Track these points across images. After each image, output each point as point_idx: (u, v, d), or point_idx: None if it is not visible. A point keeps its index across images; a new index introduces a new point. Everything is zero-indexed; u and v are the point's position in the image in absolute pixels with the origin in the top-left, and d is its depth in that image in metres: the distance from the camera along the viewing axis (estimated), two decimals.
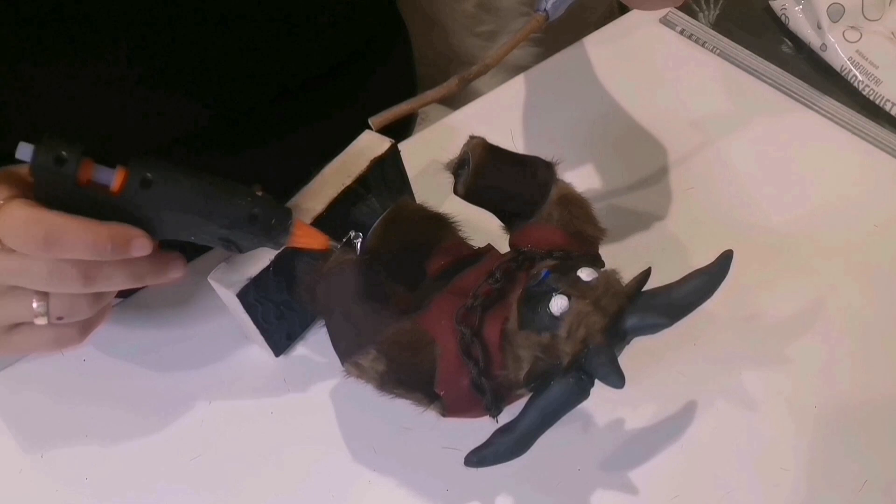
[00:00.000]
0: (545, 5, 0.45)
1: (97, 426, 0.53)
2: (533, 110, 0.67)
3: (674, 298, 0.43)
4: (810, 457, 0.50)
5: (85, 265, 0.42)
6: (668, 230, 0.60)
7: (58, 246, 0.40)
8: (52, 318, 0.43)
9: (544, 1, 0.45)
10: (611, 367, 0.41)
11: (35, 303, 0.42)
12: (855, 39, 0.67)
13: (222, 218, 0.43)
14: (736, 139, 0.66)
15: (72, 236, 0.40)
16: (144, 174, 0.41)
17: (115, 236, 0.41)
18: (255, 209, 0.43)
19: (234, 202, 0.43)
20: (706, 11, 0.73)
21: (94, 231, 0.41)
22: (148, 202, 0.42)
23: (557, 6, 0.45)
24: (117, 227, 0.42)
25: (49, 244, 0.40)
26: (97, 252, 0.41)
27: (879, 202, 0.61)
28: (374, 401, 0.46)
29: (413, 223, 0.50)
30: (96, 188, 0.41)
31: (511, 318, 0.44)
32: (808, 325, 0.55)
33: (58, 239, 0.40)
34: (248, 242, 0.45)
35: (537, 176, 0.49)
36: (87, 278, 0.42)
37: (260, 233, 0.44)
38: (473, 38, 0.84)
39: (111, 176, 0.41)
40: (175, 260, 0.46)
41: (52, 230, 0.40)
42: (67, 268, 0.41)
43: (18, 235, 0.40)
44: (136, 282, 0.44)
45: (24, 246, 0.40)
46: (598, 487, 0.50)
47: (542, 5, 0.45)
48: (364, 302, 0.46)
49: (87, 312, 0.44)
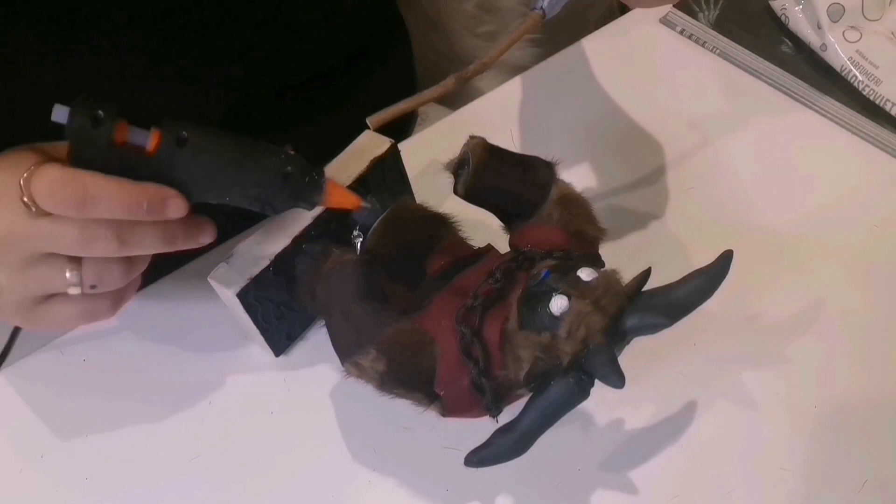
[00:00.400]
0: (542, 3, 0.45)
1: (97, 426, 0.53)
2: (533, 110, 0.67)
3: (674, 298, 0.43)
4: (810, 457, 0.50)
5: (118, 226, 0.41)
6: (668, 230, 0.60)
7: (93, 205, 0.40)
8: (86, 286, 0.42)
9: None
10: (611, 367, 0.41)
11: (68, 272, 0.42)
12: (855, 39, 0.67)
13: (256, 175, 0.43)
14: (736, 139, 0.66)
15: (107, 195, 0.40)
16: (179, 132, 0.41)
17: (151, 196, 0.41)
18: (289, 167, 0.43)
19: (267, 160, 0.43)
20: (706, 11, 0.73)
21: (130, 190, 0.41)
22: (182, 162, 0.42)
23: (554, 5, 0.45)
24: (153, 187, 0.42)
25: (85, 203, 0.40)
26: (132, 212, 0.41)
27: (879, 202, 0.61)
28: (374, 401, 0.46)
29: (413, 223, 0.50)
30: (131, 149, 0.41)
31: (511, 318, 0.44)
32: (808, 325, 0.55)
33: (93, 197, 0.40)
34: (281, 202, 0.44)
35: (537, 176, 0.49)
36: (120, 241, 0.41)
37: (294, 191, 0.44)
38: (474, 38, 0.84)
39: (146, 137, 0.41)
40: (206, 224, 0.45)
41: (87, 189, 0.40)
42: (101, 230, 0.41)
43: (53, 195, 0.40)
44: (168, 245, 0.43)
45: (59, 206, 0.40)
46: (598, 487, 0.50)
47: (538, 3, 0.45)
48: (364, 302, 0.46)
49: (119, 281, 0.44)
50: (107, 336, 0.56)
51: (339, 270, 0.46)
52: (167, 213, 0.42)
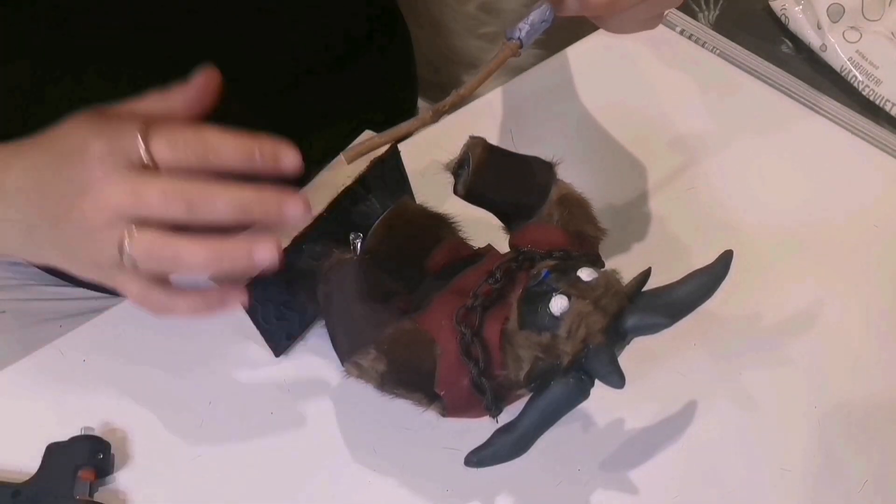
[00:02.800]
0: (519, 34, 0.45)
1: (96, 426, 0.53)
2: (533, 110, 0.67)
3: (674, 298, 0.43)
4: (810, 457, 0.50)
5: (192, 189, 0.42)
6: (668, 230, 0.60)
7: (215, 153, 0.42)
8: (129, 260, 0.42)
9: (518, 30, 0.45)
10: (611, 367, 0.41)
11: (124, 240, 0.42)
12: (855, 40, 0.67)
13: None
14: (736, 139, 0.66)
15: (227, 144, 0.42)
16: None
17: (265, 145, 0.43)
18: None
19: None
20: (706, 11, 0.73)
21: (246, 140, 0.42)
22: None
23: (531, 35, 0.45)
24: (267, 138, 0.43)
25: (207, 151, 0.41)
26: (249, 160, 0.42)
27: (879, 202, 0.61)
28: (374, 401, 0.46)
29: (413, 223, 0.50)
30: None
31: (511, 318, 0.44)
32: (808, 325, 0.55)
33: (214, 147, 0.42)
34: None
35: (537, 176, 0.49)
36: (190, 204, 0.41)
37: None
38: (476, 39, 0.84)
39: None
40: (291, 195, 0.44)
41: (209, 139, 0.42)
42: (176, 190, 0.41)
43: (177, 145, 0.41)
44: (241, 212, 0.43)
45: (181, 154, 0.41)
46: (598, 487, 0.50)
47: (515, 34, 0.45)
48: (364, 302, 0.46)
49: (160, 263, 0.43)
50: (107, 336, 0.56)
51: (339, 270, 0.46)
52: (282, 162, 0.43)
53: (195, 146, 0.42)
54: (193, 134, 0.42)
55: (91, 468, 0.50)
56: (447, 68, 0.86)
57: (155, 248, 0.42)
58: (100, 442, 0.51)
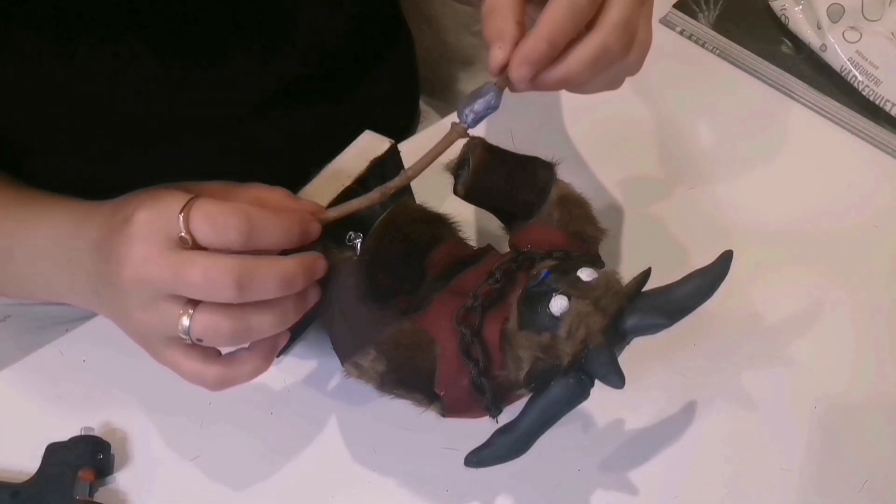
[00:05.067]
0: (466, 120, 0.46)
1: (96, 426, 0.53)
2: (533, 110, 0.67)
3: (674, 298, 0.43)
4: (810, 457, 0.50)
5: (239, 270, 0.41)
6: (668, 230, 0.60)
7: (258, 232, 0.41)
8: (193, 335, 0.42)
9: (465, 114, 0.46)
10: (611, 368, 0.41)
11: (184, 317, 0.42)
12: (855, 40, 0.67)
13: None
14: (735, 139, 0.66)
15: (269, 223, 0.42)
16: None
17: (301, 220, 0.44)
18: None
19: None
20: (706, 11, 0.73)
21: (284, 217, 0.43)
22: None
23: (476, 121, 0.46)
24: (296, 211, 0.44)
25: (251, 231, 0.41)
26: (289, 236, 0.43)
27: (879, 202, 0.62)
28: (374, 401, 0.46)
29: (413, 223, 0.50)
30: None
31: (511, 318, 0.44)
32: (808, 325, 0.56)
33: (257, 226, 0.41)
34: None
35: (537, 176, 0.49)
36: (240, 285, 0.41)
37: None
38: (471, 37, 0.83)
39: None
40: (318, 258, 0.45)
41: (251, 217, 0.41)
42: (222, 272, 0.41)
43: (217, 223, 0.41)
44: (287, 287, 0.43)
45: (223, 232, 0.41)
46: (598, 487, 0.50)
47: (465, 118, 0.46)
48: (364, 302, 0.46)
49: (227, 339, 0.43)
50: (107, 336, 0.56)
51: (339, 270, 0.46)
52: (310, 236, 0.44)
53: (237, 225, 0.41)
54: (234, 213, 0.41)
55: (91, 468, 0.50)
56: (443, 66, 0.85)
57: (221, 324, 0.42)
58: (100, 442, 0.51)
